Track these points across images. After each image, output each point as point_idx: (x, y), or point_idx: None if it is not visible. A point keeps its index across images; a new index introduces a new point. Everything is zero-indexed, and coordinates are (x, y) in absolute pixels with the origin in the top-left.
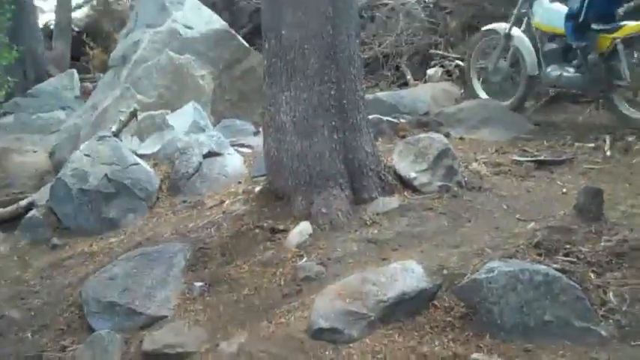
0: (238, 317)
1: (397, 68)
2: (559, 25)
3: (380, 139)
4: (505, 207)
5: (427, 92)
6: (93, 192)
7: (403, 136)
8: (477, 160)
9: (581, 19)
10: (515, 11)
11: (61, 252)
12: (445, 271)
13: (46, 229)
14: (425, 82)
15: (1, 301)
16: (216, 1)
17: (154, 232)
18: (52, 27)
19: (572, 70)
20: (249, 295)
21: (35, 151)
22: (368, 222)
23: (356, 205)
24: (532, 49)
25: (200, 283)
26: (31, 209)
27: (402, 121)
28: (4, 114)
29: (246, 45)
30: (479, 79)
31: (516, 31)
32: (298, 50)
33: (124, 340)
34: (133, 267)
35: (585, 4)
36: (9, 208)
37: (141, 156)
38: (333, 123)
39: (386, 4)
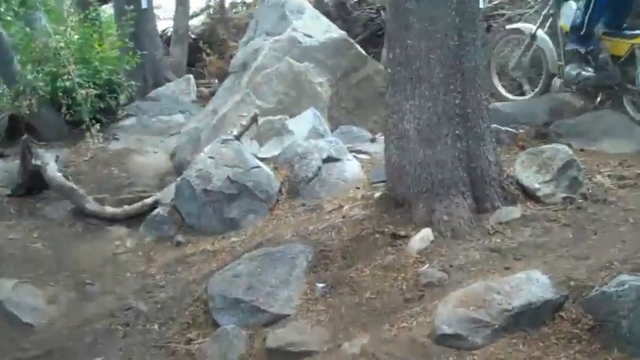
0: (360, 319)
1: (514, 78)
2: None
3: (499, 149)
4: (631, 221)
5: (546, 103)
6: (216, 193)
7: (522, 147)
8: (600, 173)
9: (583, 32)
10: (544, 12)
11: (184, 249)
12: (572, 283)
13: (170, 227)
14: (543, 92)
15: (129, 293)
16: (330, 11)
17: (275, 233)
18: (169, 34)
19: (589, 69)
20: (371, 298)
21: (156, 152)
22: (490, 231)
23: (478, 214)
24: (554, 48)
25: (322, 285)
26: (155, 207)
27: (521, 131)
28: (127, 116)
29: (364, 53)
30: (497, 75)
31: (540, 32)
32: (424, 59)
33: (248, 335)
34: (256, 266)
35: (586, 20)
36: (134, 206)
37: (261, 159)
38: (457, 132)
39: (503, 15)
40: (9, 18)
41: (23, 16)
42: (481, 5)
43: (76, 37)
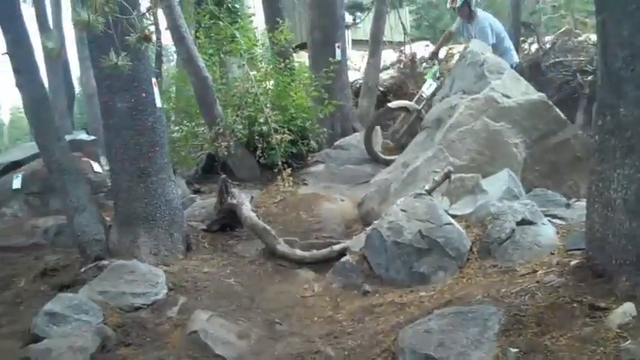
0: None
1: None
2: None
3: None
4: None
5: None
6: (406, 246)
7: None
8: None
9: None
10: None
11: (371, 298)
12: None
13: (358, 275)
14: None
15: (316, 337)
16: (523, 72)
17: (465, 292)
18: (358, 85)
19: None
20: None
21: (343, 200)
22: None
23: None
24: None
25: (515, 350)
26: (343, 254)
27: None
28: (316, 162)
29: (563, 117)
30: None
31: None
32: (636, 129)
33: None
34: (447, 323)
35: None
36: (323, 251)
37: (452, 216)
38: None
39: None
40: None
41: (225, 61)
42: None
43: (273, 84)
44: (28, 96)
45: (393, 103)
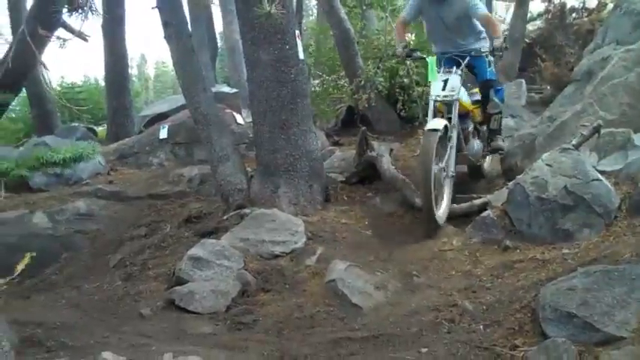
0: None
1: None
2: None
3: None
4: None
5: None
6: (550, 202)
7: None
8: None
9: None
10: None
11: (512, 254)
12: None
13: (499, 231)
14: None
15: (454, 291)
16: None
17: (612, 250)
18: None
19: None
20: None
21: (503, 140)
22: None
23: None
24: None
25: None
26: (484, 209)
27: None
28: None
29: None
30: None
31: None
32: None
33: (577, 352)
34: (592, 282)
35: None
36: (463, 205)
37: (600, 172)
38: None
39: None
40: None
41: (366, 14)
42: None
43: (414, 35)
44: (176, 48)
45: None
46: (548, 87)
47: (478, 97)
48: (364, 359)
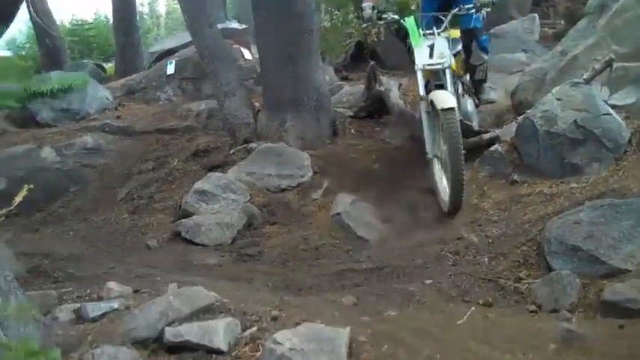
0: None
1: None
2: None
3: None
4: None
5: None
6: (560, 136)
7: None
8: None
9: None
10: None
11: (519, 188)
12: None
13: (507, 165)
14: None
15: (460, 224)
16: None
17: (620, 184)
18: None
19: None
20: None
21: (494, 89)
22: None
23: None
24: None
25: None
26: (492, 143)
27: None
28: None
29: None
30: None
31: None
32: None
33: (581, 284)
34: (599, 215)
35: None
36: (471, 140)
37: (611, 107)
38: None
39: None
40: None
41: None
42: None
43: None
44: None
45: None
46: (562, 21)
47: (460, 47)
48: (368, 290)
